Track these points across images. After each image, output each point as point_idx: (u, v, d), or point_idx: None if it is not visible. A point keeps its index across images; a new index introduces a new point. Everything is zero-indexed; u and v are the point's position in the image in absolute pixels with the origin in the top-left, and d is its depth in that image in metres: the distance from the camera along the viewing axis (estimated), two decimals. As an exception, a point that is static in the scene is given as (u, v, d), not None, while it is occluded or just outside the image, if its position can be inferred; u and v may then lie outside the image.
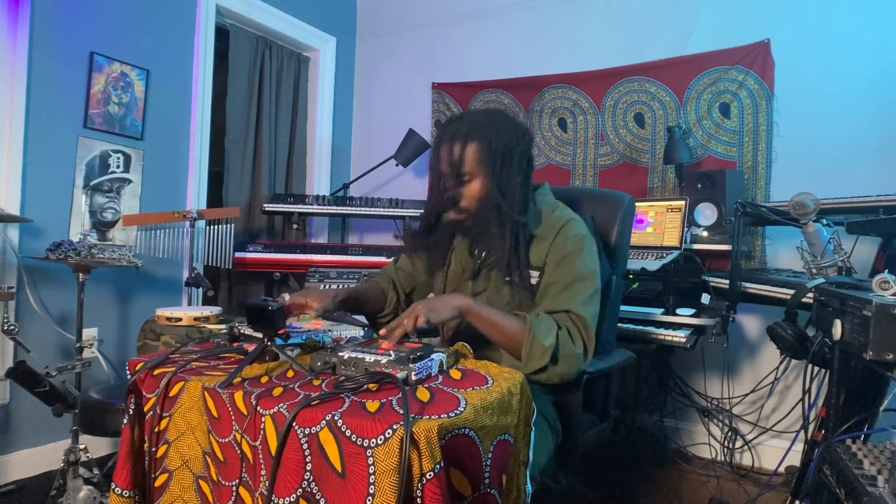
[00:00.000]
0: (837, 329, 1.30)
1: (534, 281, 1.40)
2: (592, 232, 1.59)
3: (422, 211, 1.54)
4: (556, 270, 1.37)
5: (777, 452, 2.48)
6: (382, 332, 1.24)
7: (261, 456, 0.96)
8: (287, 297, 1.36)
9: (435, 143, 1.45)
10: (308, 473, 0.91)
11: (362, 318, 1.64)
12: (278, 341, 1.20)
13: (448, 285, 1.56)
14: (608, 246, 1.69)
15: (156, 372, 1.15)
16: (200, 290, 2.71)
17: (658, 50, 2.89)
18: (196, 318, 1.99)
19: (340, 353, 1.10)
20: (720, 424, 2.71)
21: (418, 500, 0.84)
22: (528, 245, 1.41)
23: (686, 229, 2.47)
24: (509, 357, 1.33)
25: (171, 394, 1.11)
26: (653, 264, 2.27)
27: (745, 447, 2.66)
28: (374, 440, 0.85)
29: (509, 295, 1.41)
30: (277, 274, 3.14)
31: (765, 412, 2.65)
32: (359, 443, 0.86)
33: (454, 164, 1.36)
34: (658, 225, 2.53)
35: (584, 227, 1.44)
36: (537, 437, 1.14)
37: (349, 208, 3.17)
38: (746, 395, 2.65)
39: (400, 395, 0.93)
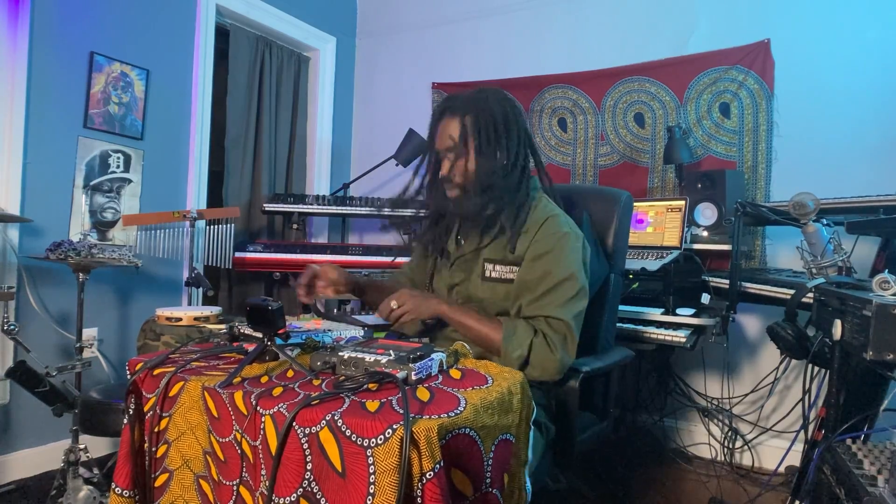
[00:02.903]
0: (837, 329, 1.30)
1: (512, 276, 1.39)
2: (588, 229, 1.57)
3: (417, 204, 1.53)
4: (533, 267, 1.35)
5: (777, 452, 2.48)
6: (377, 314, 1.33)
7: (261, 455, 0.96)
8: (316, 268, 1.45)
9: (431, 121, 1.45)
10: (308, 473, 0.91)
11: (363, 319, 1.64)
12: (278, 341, 1.20)
13: (435, 273, 1.57)
14: (605, 244, 1.67)
15: (156, 372, 1.15)
16: (200, 290, 2.71)
17: (658, 50, 2.89)
18: (196, 318, 1.99)
19: (340, 353, 1.10)
20: (720, 424, 2.71)
21: (418, 500, 0.84)
22: (516, 234, 1.39)
23: (686, 229, 2.47)
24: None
25: (171, 394, 1.11)
26: (653, 264, 2.27)
27: (745, 447, 2.66)
28: (374, 440, 0.85)
29: (489, 290, 1.41)
30: (277, 274, 3.14)
31: (765, 412, 2.65)
32: (359, 442, 0.86)
33: (444, 140, 1.39)
34: (658, 225, 2.53)
35: (567, 224, 1.40)
36: (532, 438, 1.14)
37: (349, 208, 3.17)
38: (746, 395, 2.65)
39: (400, 395, 0.93)
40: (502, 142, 1.37)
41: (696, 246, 2.49)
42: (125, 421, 1.15)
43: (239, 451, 1.01)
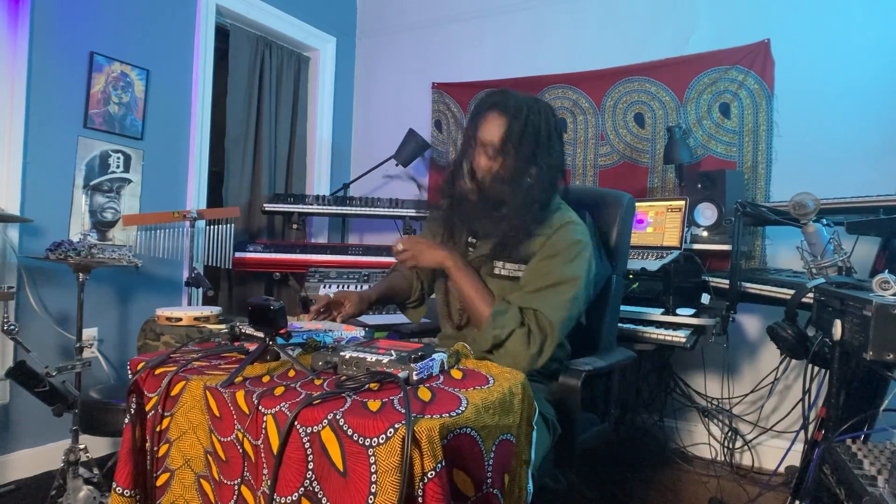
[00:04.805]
0: (837, 329, 1.30)
1: (520, 273, 1.42)
2: (592, 231, 1.59)
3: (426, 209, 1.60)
4: (540, 265, 1.38)
5: (777, 452, 2.48)
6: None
7: (263, 455, 0.96)
8: (331, 294, 1.53)
9: (475, 110, 1.44)
10: (310, 472, 0.91)
11: (363, 319, 1.65)
12: (280, 341, 1.20)
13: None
14: (608, 245, 1.69)
15: (157, 371, 1.15)
16: (200, 290, 2.71)
17: (658, 50, 2.89)
18: (196, 318, 1.98)
19: (342, 353, 1.10)
20: (720, 424, 2.71)
21: (419, 500, 0.84)
22: (527, 241, 1.40)
23: (686, 229, 2.47)
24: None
25: (173, 393, 1.11)
26: (653, 264, 2.27)
27: (745, 447, 2.67)
28: (375, 439, 0.85)
29: (497, 287, 1.43)
30: (277, 274, 3.14)
31: (765, 412, 2.65)
32: (360, 442, 0.86)
33: (485, 133, 1.38)
34: (658, 225, 2.53)
35: (583, 233, 1.42)
36: (536, 436, 1.14)
37: (349, 208, 3.17)
38: (746, 395, 2.65)
39: (401, 395, 0.93)
40: (538, 156, 1.37)
41: (696, 246, 2.49)
42: (126, 420, 1.15)
43: (240, 451, 1.01)
